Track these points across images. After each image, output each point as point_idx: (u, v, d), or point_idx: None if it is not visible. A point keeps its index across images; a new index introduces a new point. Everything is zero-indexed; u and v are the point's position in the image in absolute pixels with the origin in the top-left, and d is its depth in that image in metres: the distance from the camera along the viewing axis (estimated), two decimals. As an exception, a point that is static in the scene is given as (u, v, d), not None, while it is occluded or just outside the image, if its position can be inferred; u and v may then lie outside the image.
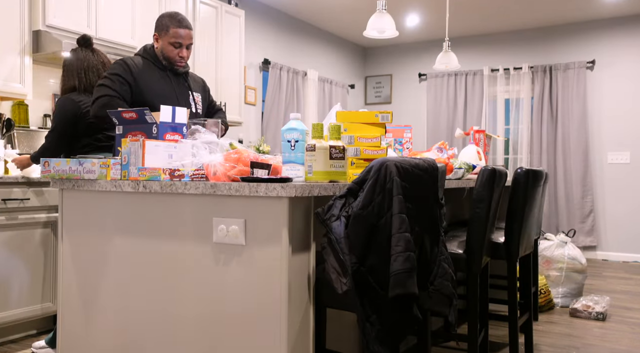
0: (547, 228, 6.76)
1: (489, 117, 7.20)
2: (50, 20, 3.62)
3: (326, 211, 1.65)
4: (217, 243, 1.75)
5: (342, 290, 1.58)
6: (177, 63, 2.78)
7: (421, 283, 1.72)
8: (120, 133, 2.11)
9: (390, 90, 7.96)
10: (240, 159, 1.83)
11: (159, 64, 2.78)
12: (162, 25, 2.74)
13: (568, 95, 6.75)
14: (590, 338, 3.33)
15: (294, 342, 1.66)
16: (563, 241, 4.18)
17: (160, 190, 1.82)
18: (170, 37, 2.72)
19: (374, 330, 1.60)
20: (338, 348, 2.26)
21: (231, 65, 5.21)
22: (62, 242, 2.14)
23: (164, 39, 2.74)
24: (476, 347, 2.26)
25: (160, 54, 2.77)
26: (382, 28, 3.93)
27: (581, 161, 6.64)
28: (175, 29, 2.72)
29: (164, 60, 2.77)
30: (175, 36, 2.72)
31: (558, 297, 4.11)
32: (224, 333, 1.74)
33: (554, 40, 6.90)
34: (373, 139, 2.03)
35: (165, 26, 2.73)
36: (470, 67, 7.36)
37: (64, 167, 2.05)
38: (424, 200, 1.75)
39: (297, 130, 1.86)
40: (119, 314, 1.98)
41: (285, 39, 6.51)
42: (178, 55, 2.76)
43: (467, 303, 2.30)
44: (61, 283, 2.14)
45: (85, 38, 3.04)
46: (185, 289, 1.82)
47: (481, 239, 2.22)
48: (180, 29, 2.73)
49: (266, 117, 6.18)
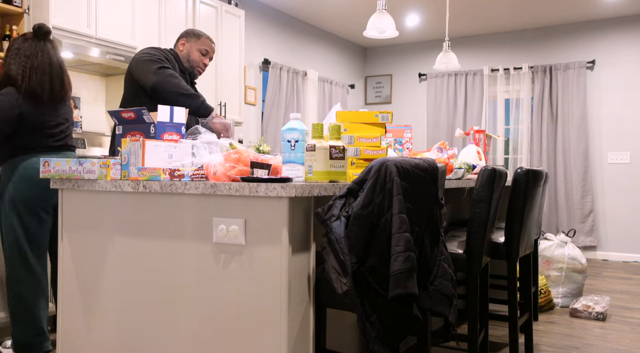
0: (547, 228, 6.76)
1: (489, 117, 7.20)
2: (50, 20, 3.62)
3: (326, 211, 1.65)
4: (217, 243, 1.75)
5: (342, 290, 1.57)
6: (199, 68, 3.00)
7: (421, 283, 1.72)
8: (120, 133, 2.11)
9: (390, 90, 7.95)
10: (240, 159, 1.83)
11: (182, 66, 2.97)
12: (193, 34, 2.99)
13: (568, 95, 6.74)
14: (590, 338, 3.33)
15: (294, 342, 1.66)
16: (563, 241, 4.18)
17: (160, 190, 1.81)
18: (201, 44, 2.97)
19: (374, 330, 1.60)
20: (338, 348, 2.26)
21: (231, 65, 5.21)
22: (62, 242, 2.14)
23: (193, 44, 2.96)
24: (476, 347, 2.26)
25: (185, 58, 2.97)
26: (382, 28, 3.93)
27: (581, 161, 6.64)
28: (207, 40, 3.01)
29: (187, 63, 2.97)
30: (206, 44, 2.99)
31: (558, 297, 4.11)
32: (224, 333, 1.74)
33: (554, 40, 6.90)
34: (373, 139, 2.03)
35: (197, 35, 2.99)
36: (470, 67, 7.36)
37: (64, 167, 2.05)
38: (424, 200, 1.74)
39: (297, 130, 1.86)
40: (118, 314, 1.98)
41: (285, 39, 6.51)
42: (202, 63, 2.99)
43: (467, 303, 2.30)
44: (61, 283, 2.14)
45: (42, 28, 2.68)
46: (185, 289, 1.82)
47: (481, 239, 2.22)
48: (211, 42, 3.03)
49: (266, 117, 6.18)
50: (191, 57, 2.97)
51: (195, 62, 2.98)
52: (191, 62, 2.97)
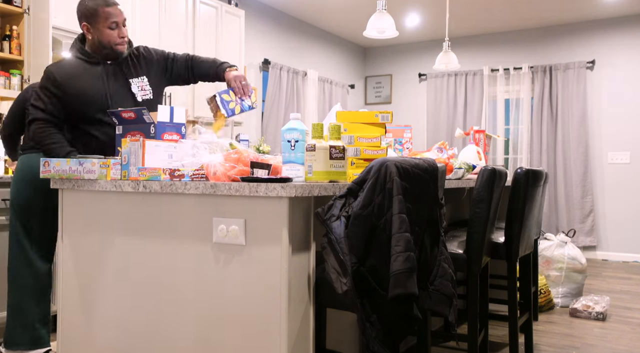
0: (547, 228, 6.76)
1: (489, 117, 7.20)
2: (50, 20, 3.62)
3: (326, 211, 1.65)
4: (217, 243, 1.75)
5: (342, 290, 1.57)
6: (119, 45, 2.46)
7: (421, 283, 1.72)
8: (120, 133, 2.11)
9: (390, 90, 7.95)
10: (240, 159, 1.83)
11: (92, 58, 2.48)
12: (88, 11, 2.42)
13: (568, 95, 6.74)
14: (590, 338, 3.33)
15: (294, 342, 1.66)
16: (563, 241, 4.18)
17: (160, 190, 1.82)
18: (104, 19, 2.41)
19: (374, 330, 1.60)
20: (338, 348, 2.26)
21: (231, 65, 5.21)
22: (62, 242, 2.14)
23: (97, 26, 2.42)
24: (476, 347, 2.26)
25: (96, 45, 2.45)
26: (382, 28, 3.93)
27: (581, 161, 6.64)
28: (104, 8, 2.41)
29: (105, 49, 2.45)
30: (108, 16, 2.41)
31: (558, 297, 4.11)
32: (224, 333, 1.74)
33: (554, 40, 6.90)
34: (373, 139, 2.03)
35: (92, 10, 2.41)
36: (470, 67, 7.36)
37: (64, 167, 2.05)
38: (424, 200, 1.74)
39: (297, 130, 1.86)
40: (118, 314, 1.98)
41: (285, 39, 6.51)
42: (119, 37, 2.45)
43: (467, 303, 2.30)
44: (61, 283, 2.14)
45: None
46: (185, 289, 1.82)
47: (481, 239, 2.22)
48: (110, 7, 2.42)
49: (266, 117, 6.18)
50: (103, 40, 2.43)
51: (112, 42, 2.43)
52: (106, 45, 2.44)
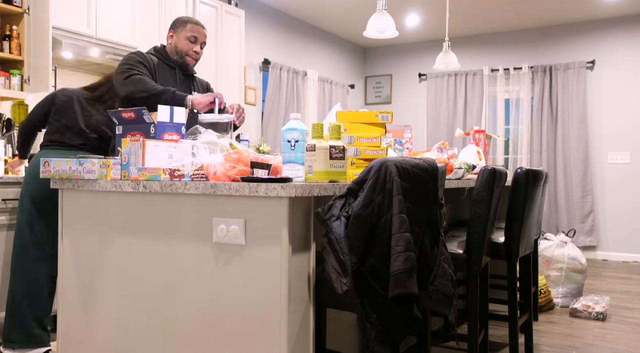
0: (547, 228, 6.76)
1: (489, 117, 7.20)
2: (50, 20, 3.62)
3: (326, 211, 1.65)
4: (217, 243, 1.75)
5: (342, 290, 1.57)
6: (189, 57, 2.83)
7: (421, 283, 1.72)
8: (120, 133, 2.11)
9: (390, 90, 7.95)
10: (240, 159, 1.83)
11: (170, 62, 2.84)
12: (179, 22, 2.83)
13: (568, 95, 6.74)
14: (590, 338, 3.33)
15: (294, 342, 1.66)
16: (563, 241, 4.18)
17: (160, 190, 1.81)
18: (188, 31, 2.80)
19: (374, 330, 1.60)
20: (338, 348, 2.26)
21: (231, 65, 5.21)
22: (62, 242, 2.14)
23: (180, 34, 2.81)
24: (476, 347, 2.26)
25: (173, 50, 2.83)
26: (382, 28, 3.93)
27: (581, 161, 6.64)
28: (194, 25, 2.83)
29: (177, 55, 2.82)
30: (193, 30, 2.81)
31: (558, 297, 4.11)
32: (223, 333, 1.74)
33: (554, 40, 6.89)
34: (373, 139, 2.03)
35: (182, 22, 2.83)
36: (470, 67, 7.36)
37: (64, 167, 2.05)
38: (424, 200, 1.74)
39: (297, 130, 1.86)
40: (118, 314, 1.98)
41: (285, 39, 6.51)
42: (192, 50, 2.83)
43: (467, 303, 2.30)
44: (61, 283, 2.14)
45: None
46: (185, 289, 1.82)
47: (481, 239, 2.22)
48: (198, 26, 2.84)
49: (266, 117, 6.18)
50: (179, 47, 2.82)
51: (184, 51, 2.81)
52: (179, 52, 2.82)
